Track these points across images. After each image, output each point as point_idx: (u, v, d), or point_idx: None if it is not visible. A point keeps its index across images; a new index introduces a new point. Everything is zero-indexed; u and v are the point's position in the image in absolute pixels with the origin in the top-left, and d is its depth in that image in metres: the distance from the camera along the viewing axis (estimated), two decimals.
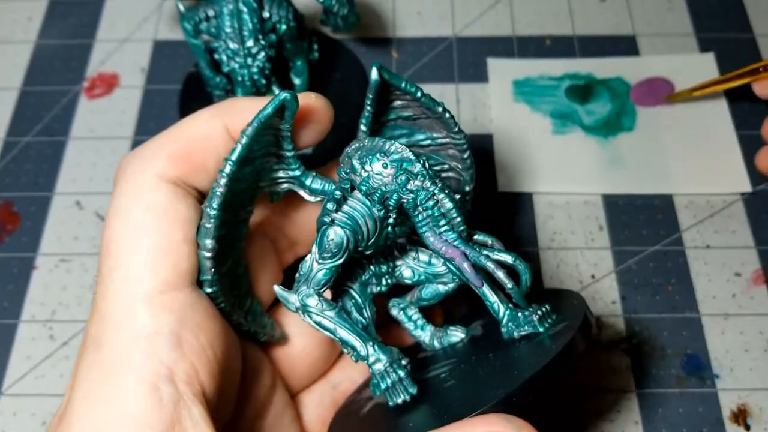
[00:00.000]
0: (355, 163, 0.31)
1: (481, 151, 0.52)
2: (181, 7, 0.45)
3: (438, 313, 0.40)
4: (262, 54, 0.44)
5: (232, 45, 0.43)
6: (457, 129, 0.34)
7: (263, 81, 0.45)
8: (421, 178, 0.30)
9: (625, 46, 0.57)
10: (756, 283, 0.46)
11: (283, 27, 0.45)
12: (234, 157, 0.28)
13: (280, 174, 0.32)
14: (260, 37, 0.44)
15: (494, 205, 0.50)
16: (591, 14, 0.59)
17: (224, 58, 0.44)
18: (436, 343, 0.36)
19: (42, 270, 0.47)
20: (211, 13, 0.44)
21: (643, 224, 0.49)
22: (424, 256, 0.35)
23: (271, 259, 0.36)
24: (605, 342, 0.44)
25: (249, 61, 0.44)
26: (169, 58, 0.57)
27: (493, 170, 0.51)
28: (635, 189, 0.50)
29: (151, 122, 0.54)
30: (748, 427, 0.41)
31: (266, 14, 0.44)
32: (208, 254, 0.29)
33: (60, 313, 0.46)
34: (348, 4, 0.48)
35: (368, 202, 0.30)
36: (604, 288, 0.46)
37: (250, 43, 0.43)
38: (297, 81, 0.49)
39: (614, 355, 0.44)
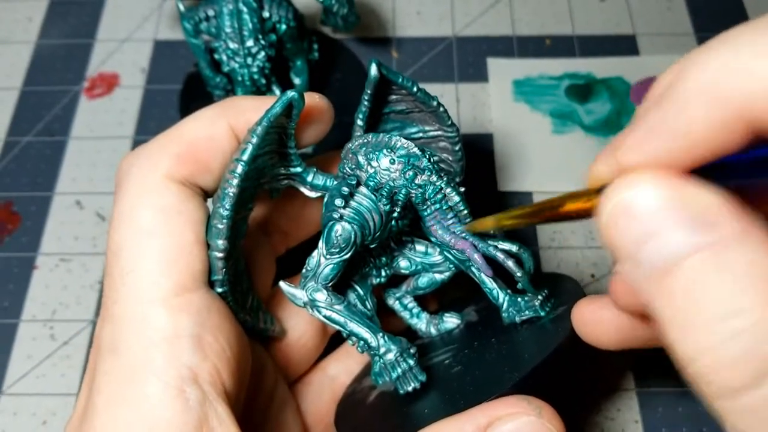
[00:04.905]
0: (361, 159, 0.31)
1: (481, 151, 0.52)
2: (181, 7, 0.45)
3: (431, 299, 0.40)
4: (262, 54, 0.44)
5: (232, 45, 0.43)
6: (450, 122, 0.34)
7: (263, 81, 0.45)
8: (428, 173, 0.31)
9: (624, 45, 0.57)
10: None
11: (283, 27, 0.45)
12: (245, 157, 0.28)
13: (282, 171, 0.32)
14: (260, 36, 0.44)
15: (494, 205, 0.50)
16: (591, 14, 0.59)
17: (224, 57, 0.44)
18: (433, 330, 0.37)
19: (42, 270, 0.47)
20: (211, 12, 0.44)
21: None
22: (420, 247, 0.35)
23: (267, 253, 0.36)
24: None
25: (249, 60, 0.44)
26: (169, 58, 0.57)
27: (493, 170, 0.51)
28: None
29: (151, 122, 0.54)
30: None
31: (266, 14, 0.44)
32: (220, 255, 0.29)
33: (60, 313, 0.46)
34: (348, 4, 0.49)
35: (374, 197, 0.31)
36: (604, 287, 0.46)
37: (250, 42, 0.43)
38: (297, 81, 0.50)
39: (614, 354, 0.44)
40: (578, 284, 0.34)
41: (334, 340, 0.39)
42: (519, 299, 0.33)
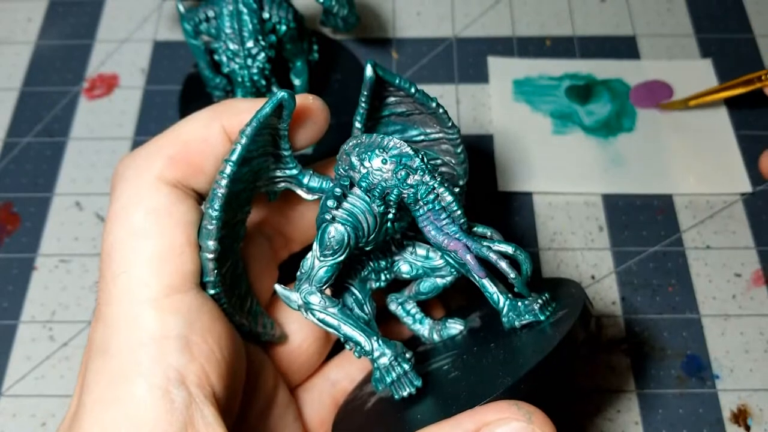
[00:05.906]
0: (354, 159, 0.31)
1: (481, 151, 0.52)
2: (181, 8, 0.45)
3: (437, 306, 0.40)
4: (262, 55, 0.44)
5: (232, 46, 0.43)
6: (450, 124, 0.34)
7: (263, 82, 0.45)
8: (421, 173, 0.31)
9: (624, 46, 0.57)
10: (756, 284, 0.46)
11: (283, 28, 0.45)
12: (234, 157, 0.28)
13: (278, 173, 0.32)
14: (260, 38, 0.44)
15: (494, 205, 0.50)
16: (591, 14, 0.59)
17: (224, 59, 0.44)
18: (436, 336, 0.36)
19: (42, 271, 0.47)
20: (211, 14, 0.44)
21: (643, 225, 0.49)
22: (421, 251, 0.35)
23: (268, 257, 0.36)
24: (605, 342, 0.44)
25: (249, 62, 0.44)
26: (169, 59, 0.57)
27: (493, 170, 0.51)
28: (635, 189, 0.50)
29: (151, 123, 0.54)
30: (748, 428, 0.41)
31: (266, 15, 0.44)
32: (211, 255, 0.29)
33: (60, 314, 0.46)
34: (348, 4, 0.49)
35: (368, 199, 0.31)
36: (604, 288, 0.46)
37: (250, 44, 0.43)
38: (297, 82, 0.50)
39: (614, 356, 0.44)
40: (581, 288, 0.33)
41: (338, 346, 0.39)
42: (519, 303, 0.32)
